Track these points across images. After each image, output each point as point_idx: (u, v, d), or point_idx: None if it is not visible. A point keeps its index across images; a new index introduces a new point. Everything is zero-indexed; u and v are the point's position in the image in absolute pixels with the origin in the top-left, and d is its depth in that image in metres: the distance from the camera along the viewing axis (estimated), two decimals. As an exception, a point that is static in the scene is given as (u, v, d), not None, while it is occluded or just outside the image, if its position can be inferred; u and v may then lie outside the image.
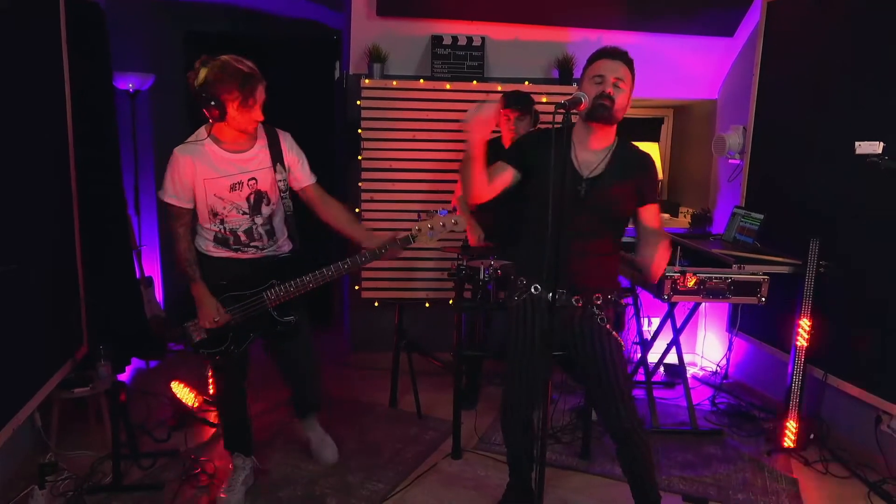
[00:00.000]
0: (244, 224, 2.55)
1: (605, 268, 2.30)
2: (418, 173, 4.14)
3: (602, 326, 2.25)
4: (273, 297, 2.57)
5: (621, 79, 2.14)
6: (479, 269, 3.04)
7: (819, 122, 3.38)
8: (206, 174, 2.47)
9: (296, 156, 2.62)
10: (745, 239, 3.63)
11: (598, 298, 2.27)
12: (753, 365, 4.04)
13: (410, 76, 4.14)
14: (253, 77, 2.38)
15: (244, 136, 2.49)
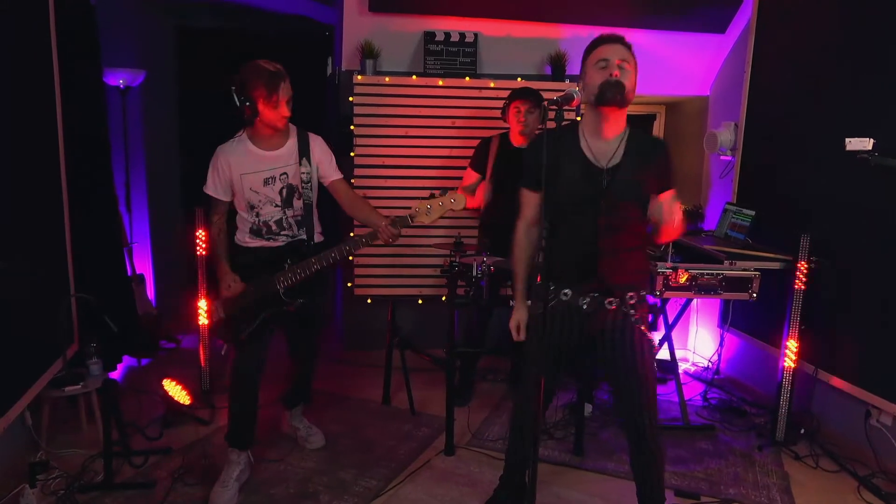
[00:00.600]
0: (276, 215, 2.72)
1: (636, 263, 2.23)
2: (411, 169, 4.13)
3: (638, 329, 2.19)
4: (283, 279, 2.68)
5: (625, 59, 2.09)
6: (471, 265, 3.04)
7: (810, 118, 3.39)
8: (242, 170, 2.67)
9: (323, 154, 2.79)
10: (736, 235, 3.65)
11: (633, 298, 2.20)
12: (745, 361, 4.06)
13: (403, 72, 4.13)
14: (277, 75, 2.56)
15: (276, 135, 2.69)
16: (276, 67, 2.56)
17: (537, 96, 3.50)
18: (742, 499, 2.81)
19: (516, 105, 3.46)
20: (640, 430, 2.22)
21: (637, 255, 2.23)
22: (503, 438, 3.26)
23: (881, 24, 2.99)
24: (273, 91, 2.54)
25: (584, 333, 2.24)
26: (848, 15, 3.18)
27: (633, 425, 2.24)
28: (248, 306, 2.70)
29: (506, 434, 3.30)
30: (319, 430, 3.20)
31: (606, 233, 2.13)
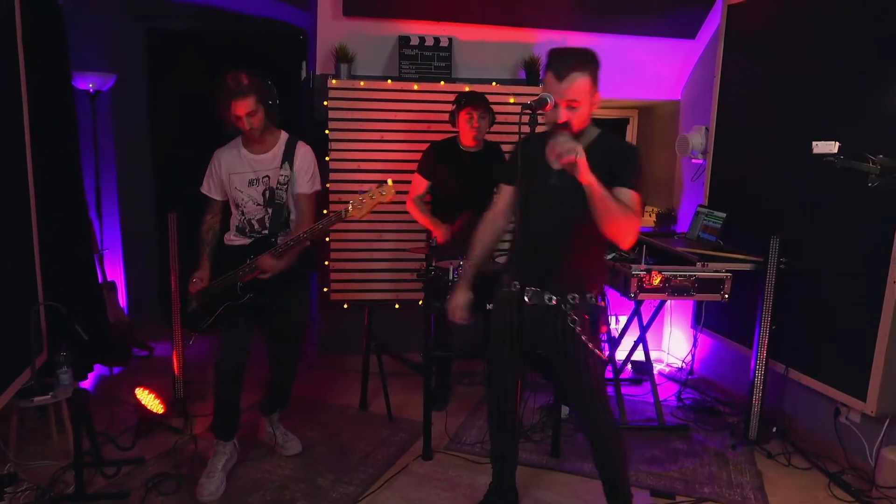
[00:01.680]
0: (259, 214, 2.85)
1: (583, 265, 2.24)
2: (387, 174, 4.11)
3: (574, 332, 2.21)
4: (241, 273, 2.79)
5: (574, 100, 2.07)
6: (447, 269, 3.04)
7: (778, 122, 3.45)
8: (231, 169, 2.86)
9: (304, 165, 2.87)
10: (708, 237, 3.70)
11: (574, 299, 2.22)
12: (718, 361, 4.12)
13: (378, 76, 4.12)
14: (231, 93, 2.66)
15: (264, 141, 2.83)
16: (237, 82, 2.66)
17: (486, 101, 3.53)
18: (717, 497, 2.85)
19: (468, 111, 3.47)
20: (593, 425, 2.26)
21: (586, 257, 2.23)
22: (481, 442, 3.27)
23: (848, 30, 3.06)
24: (227, 107, 2.68)
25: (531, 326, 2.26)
26: (815, 22, 3.25)
27: (584, 421, 2.29)
28: (212, 299, 2.84)
29: (483, 437, 3.30)
30: (296, 437, 3.17)
31: (550, 234, 2.16)
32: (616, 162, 2.13)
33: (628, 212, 2.04)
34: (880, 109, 2.85)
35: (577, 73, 2.06)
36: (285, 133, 2.90)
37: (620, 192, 2.08)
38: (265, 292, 2.81)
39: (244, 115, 2.68)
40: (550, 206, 2.15)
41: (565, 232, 2.18)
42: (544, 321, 2.24)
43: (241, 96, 2.66)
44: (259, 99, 2.70)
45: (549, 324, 2.24)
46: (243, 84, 2.67)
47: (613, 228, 2.05)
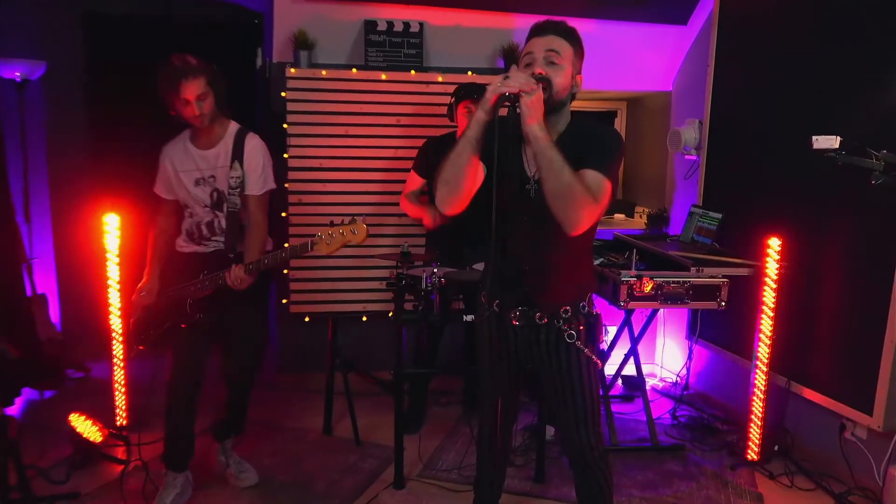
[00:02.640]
0: (207, 217, 2.83)
1: (571, 277, 2.22)
2: (351, 172, 4.11)
3: (571, 344, 2.20)
4: (192, 290, 2.77)
5: (555, 51, 2.02)
6: (420, 277, 3.04)
7: (777, 115, 3.52)
8: (179, 167, 2.81)
9: (254, 161, 2.81)
10: (703, 240, 3.75)
11: (567, 311, 2.21)
12: (714, 374, 4.17)
13: (341, 65, 4.11)
14: (179, 72, 2.62)
15: (209, 133, 2.79)
16: (183, 63, 2.63)
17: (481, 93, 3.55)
18: (715, 523, 2.88)
19: (467, 105, 3.49)
20: (583, 455, 2.24)
21: (572, 269, 2.20)
22: (458, 468, 3.26)
23: (851, 16, 3.13)
24: (175, 89, 2.63)
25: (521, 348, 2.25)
26: (815, 7, 3.32)
27: (573, 450, 2.26)
28: (159, 314, 2.83)
29: (461, 462, 3.30)
30: (251, 466, 3.14)
31: (533, 249, 2.12)
32: (589, 144, 2.04)
33: (583, 191, 1.90)
34: (885, 101, 2.91)
35: (560, 38, 2.05)
36: (235, 124, 2.85)
37: (587, 174, 1.96)
38: (220, 305, 2.78)
39: (194, 100, 2.65)
40: (529, 215, 2.10)
41: (548, 244, 2.14)
42: (536, 339, 2.23)
43: (190, 76, 2.63)
44: (209, 81, 2.68)
45: (542, 341, 2.22)
46: (192, 64, 2.65)
47: (559, 203, 1.91)
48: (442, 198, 2.06)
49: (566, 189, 1.91)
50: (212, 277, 2.74)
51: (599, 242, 4.04)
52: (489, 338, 2.27)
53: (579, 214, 1.94)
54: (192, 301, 2.76)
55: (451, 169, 2.01)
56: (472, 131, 1.93)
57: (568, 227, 1.96)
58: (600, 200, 1.97)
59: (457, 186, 2.02)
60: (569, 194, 1.91)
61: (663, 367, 4.63)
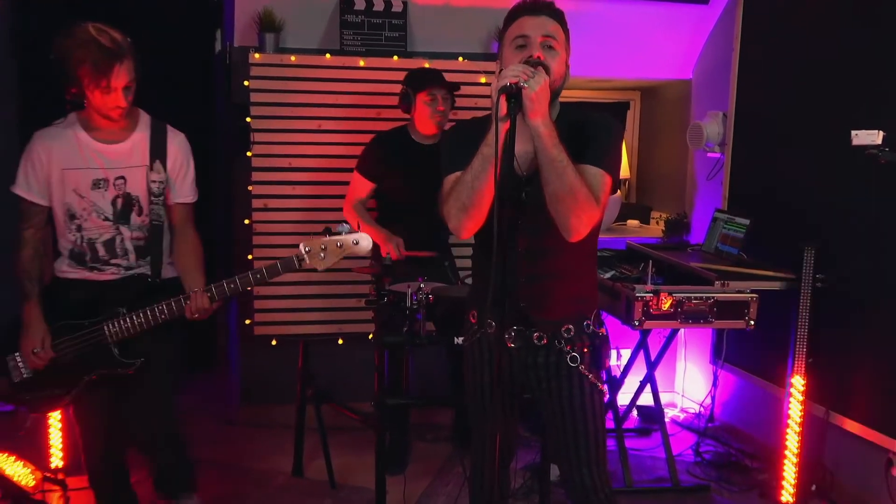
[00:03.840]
0: (105, 234, 2.59)
1: (572, 290, 2.22)
2: (325, 173, 4.11)
3: (574, 368, 2.19)
4: (115, 331, 2.55)
5: (551, 36, 2.04)
6: (404, 294, 3.03)
7: (813, 106, 3.54)
8: (65, 163, 2.54)
9: (183, 162, 2.68)
10: (728, 249, 3.77)
11: (569, 330, 2.21)
12: (743, 403, 4.18)
13: (314, 50, 4.12)
14: (112, 53, 2.42)
15: (118, 123, 2.57)
16: (112, 40, 2.42)
17: (444, 79, 3.58)
18: (745, 576, 2.88)
19: (430, 92, 3.50)
20: (586, 499, 2.23)
21: (574, 280, 2.21)
22: (449, 513, 3.25)
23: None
24: (103, 73, 2.40)
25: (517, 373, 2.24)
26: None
27: (575, 493, 2.25)
28: (65, 366, 2.56)
29: (452, 507, 3.29)
30: None
31: (527, 258, 2.12)
32: (586, 134, 2.07)
33: (586, 192, 1.96)
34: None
35: (554, 20, 2.08)
36: (144, 113, 2.65)
37: (585, 171, 2.02)
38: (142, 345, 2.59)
39: (122, 88, 2.45)
40: (525, 224, 2.11)
41: (546, 252, 2.15)
42: (534, 362, 2.23)
43: (123, 58, 2.42)
44: (136, 65, 2.48)
45: (541, 365, 2.22)
46: (122, 44, 2.44)
47: (561, 207, 1.97)
48: (459, 225, 2.09)
49: (569, 191, 1.94)
50: (153, 311, 2.53)
51: (610, 253, 4.06)
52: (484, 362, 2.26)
53: (580, 218, 1.99)
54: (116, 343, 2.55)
55: (469, 193, 2.02)
56: (490, 148, 1.93)
57: (568, 232, 2.01)
58: (601, 200, 2.02)
59: (478, 210, 2.04)
60: (571, 197, 1.95)
61: (684, 395, 4.63)
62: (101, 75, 2.41)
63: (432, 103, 3.51)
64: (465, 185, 2.02)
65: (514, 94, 1.85)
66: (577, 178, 1.95)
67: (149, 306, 2.54)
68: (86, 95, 2.47)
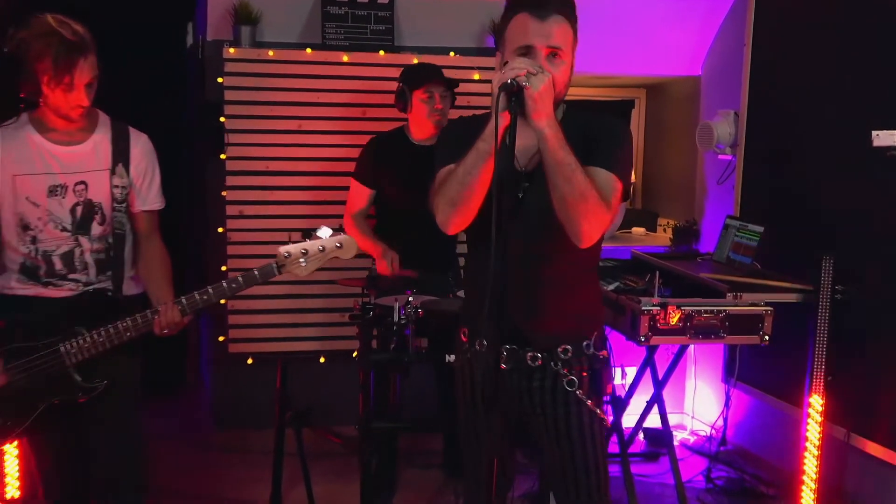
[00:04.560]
0: (63, 246, 2.53)
1: (572, 305, 2.21)
2: (306, 177, 4.11)
3: (571, 393, 2.18)
4: (74, 352, 2.48)
5: (558, 47, 2.03)
6: (392, 308, 3.04)
7: (831, 104, 3.56)
8: (17, 168, 2.47)
9: (146, 166, 2.63)
10: (741, 259, 3.78)
11: (567, 351, 2.19)
12: (758, 425, 4.19)
13: (293, 44, 4.13)
14: (76, 47, 2.38)
15: (76, 124, 2.51)
16: (75, 33, 2.38)
17: (443, 75, 3.60)
18: None
19: (427, 89, 3.51)
20: None
21: (574, 291, 2.21)
22: (440, 546, 3.25)
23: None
24: (65, 69, 2.35)
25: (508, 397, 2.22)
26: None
27: None
28: (18, 393, 2.48)
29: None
30: None
31: (522, 264, 2.10)
32: (594, 137, 2.09)
33: (595, 195, 1.97)
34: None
35: (562, 17, 2.06)
36: (102, 113, 2.60)
37: (595, 174, 2.02)
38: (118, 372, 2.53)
39: (85, 86, 2.41)
40: (521, 225, 2.09)
41: (544, 261, 2.14)
42: (528, 386, 2.22)
43: (86, 52, 2.39)
44: (98, 61, 2.45)
45: (536, 389, 2.21)
46: (82, 35, 2.40)
47: (571, 212, 1.98)
48: (446, 219, 2.10)
49: (579, 195, 1.94)
50: (117, 328, 2.46)
51: (614, 263, 4.06)
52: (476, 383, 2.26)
53: (591, 224, 1.99)
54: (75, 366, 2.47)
55: (459, 188, 2.03)
56: (486, 143, 1.95)
57: (578, 238, 2.01)
58: (612, 205, 2.03)
59: (467, 206, 2.05)
60: (582, 201, 1.95)
61: (695, 417, 4.64)
62: (64, 71, 2.35)
63: (429, 101, 3.52)
64: (455, 180, 2.03)
65: (515, 92, 1.85)
66: (587, 181, 1.95)
67: (111, 324, 2.48)
68: (43, 93, 2.40)
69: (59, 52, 2.35)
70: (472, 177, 1.99)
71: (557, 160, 1.93)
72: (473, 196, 2.02)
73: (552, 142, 1.92)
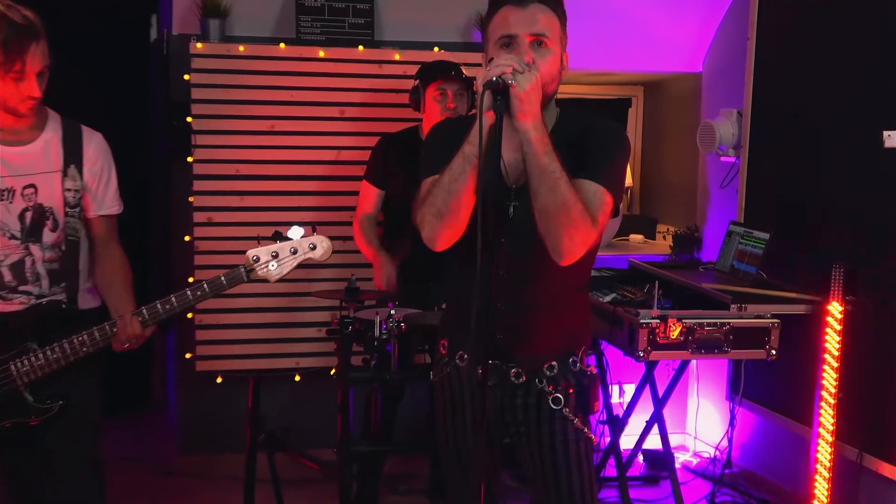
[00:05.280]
0: (13, 255, 2.50)
1: (560, 322, 2.22)
2: (279, 181, 4.10)
3: (557, 411, 2.18)
4: (26, 370, 2.46)
5: (542, 33, 2.03)
6: (372, 322, 3.04)
7: (841, 103, 3.59)
8: None
9: (101, 168, 2.60)
10: (745, 268, 3.80)
11: (552, 368, 2.20)
12: (765, 445, 4.20)
13: (265, 38, 4.13)
14: (26, 30, 2.36)
15: (22, 121, 2.48)
16: (24, 18, 2.35)
17: (462, 72, 3.61)
18: None
19: (439, 86, 3.52)
20: None
21: (560, 313, 2.22)
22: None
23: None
24: (16, 54, 2.33)
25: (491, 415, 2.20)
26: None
27: None
28: None
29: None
30: None
31: (511, 280, 2.12)
32: (586, 145, 2.08)
33: (581, 209, 1.95)
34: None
35: (545, 6, 2.07)
36: (51, 110, 2.57)
37: (581, 186, 2.01)
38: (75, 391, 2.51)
39: (36, 75, 2.39)
40: (510, 244, 2.12)
41: (532, 276, 2.16)
42: (511, 404, 2.23)
43: (38, 38, 2.36)
44: (49, 50, 2.42)
45: (519, 407, 2.22)
46: (32, 19, 2.37)
47: (551, 225, 1.97)
48: (434, 234, 2.08)
49: (561, 206, 1.94)
50: (72, 343, 2.43)
51: (610, 272, 4.08)
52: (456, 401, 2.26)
53: (573, 239, 1.97)
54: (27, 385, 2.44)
55: (446, 197, 2.02)
56: (471, 146, 1.94)
57: (559, 254, 2.00)
58: (599, 220, 2.01)
59: (456, 218, 2.03)
60: (564, 213, 1.94)
61: (697, 437, 4.66)
62: (15, 56, 2.32)
63: (442, 99, 3.52)
64: (441, 188, 2.02)
65: (501, 90, 1.85)
66: (572, 191, 1.94)
67: (66, 339, 2.45)
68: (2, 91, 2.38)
69: (9, 36, 2.32)
70: (459, 184, 1.98)
71: (541, 166, 1.93)
72: (462, 205, 2.00)
73: (537, 146, 1.92)
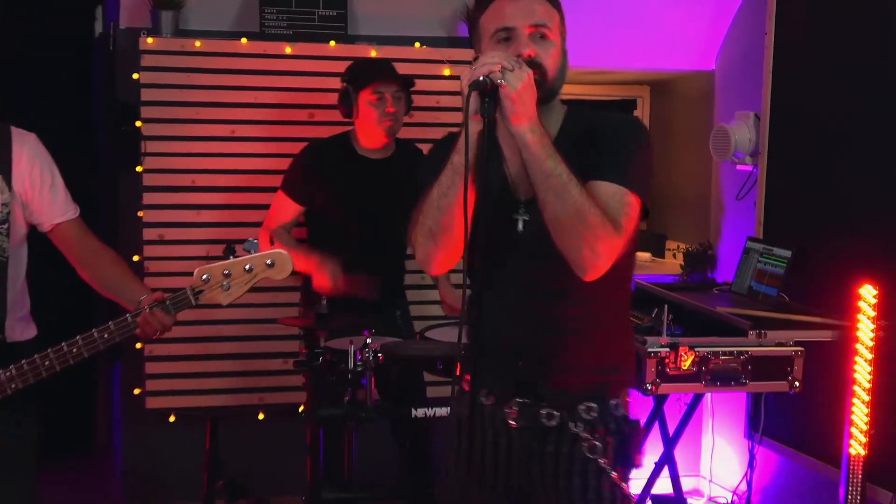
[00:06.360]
0: None
1: (594, 351, 2.16)
2: (240, 193, 4.10)
3: (592, 461, 2.12)
4: None
5: (543, 23, 2.04)
6: (346, 352, 3.03)
7: (870, 104, 3.61)
8: None
9: (40, 172, 2.58)
10: (765, 290, 3.80)
11: (590, 410, 2.15)
12: (787, 488, 4.19)
13: (225, 33, 4.13)
14: None
15: None
16: None
17: (397, 71, 3.62)
18: None
19: (375, 89, 3.51)
20: None
21: (595, 338, 2.17)
22: None
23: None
24: None
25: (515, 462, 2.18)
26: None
27: None
28: None
29: None
30: None
31: (529, 303, 2.10)
32: (598, 143, 2.06)
33: (598, 215, 1.93)
34: None
35: None
36: None
37: (599, 189, 1.99)
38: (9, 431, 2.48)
39: None
40: (525, 259, 2.10)
41: (553, 293, 2.12)
42: (541, 450, 2.20)
43: None
44: None
45: (550, 454, 2.16)
46: None
47: (566, 236, 1.95)
48: (426, 256, 2.08)
49: (574, 214, 1.91)
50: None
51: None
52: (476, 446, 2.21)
53: (594, 250, 1.94)
54: None
55: (436, 214, 2.01)
56: (460, 155, 1.91)
57: (580, 268, 1.97)
58: (623, 225, 1.98)
59: (449, 237, 2.02)
60: (579, 222, 1.92)
61: (712, 480, 4.65)
62: None
63: (379, 104, 3.51)
64: (431, 205, 2.01)
65: (488, 91, 1.83)
66: (585, 196, 1.92)
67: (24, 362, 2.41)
68: None
69: None
70: (449, 198, 1.97)
71: (545, 171, 1.91)
72: (455, 222, 1.96)
73: (536, 149, 1.90)
